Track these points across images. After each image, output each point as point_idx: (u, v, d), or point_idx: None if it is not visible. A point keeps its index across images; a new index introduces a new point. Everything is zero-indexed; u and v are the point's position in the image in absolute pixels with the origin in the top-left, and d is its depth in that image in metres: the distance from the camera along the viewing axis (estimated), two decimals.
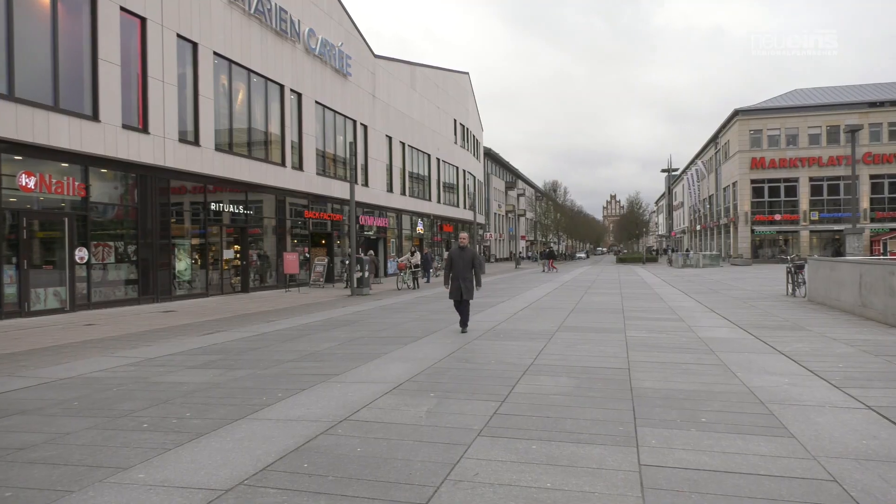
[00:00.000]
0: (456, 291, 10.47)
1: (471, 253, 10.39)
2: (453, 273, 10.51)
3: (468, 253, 10.38)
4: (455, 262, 10.44)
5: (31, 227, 14.36)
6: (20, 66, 13.74)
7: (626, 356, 8.04)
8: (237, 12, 21.08)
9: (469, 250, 10.39)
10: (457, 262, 10.42)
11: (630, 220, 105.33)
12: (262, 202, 23.20)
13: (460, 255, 10.41)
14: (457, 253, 10.45)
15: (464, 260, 10.36)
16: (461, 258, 10.39)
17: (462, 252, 10.41)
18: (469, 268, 10.38)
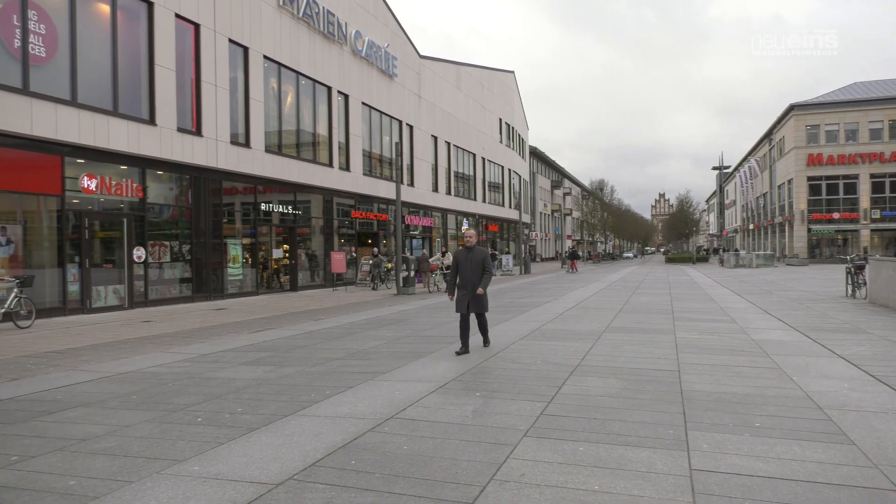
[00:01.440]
0: (463, 303, 8.33)
1: (480, 254, 8.39)
2: (459, 279, 8.47)
3: (477, 254, 8.40)
4: (462, 266, 8.43)
5: (93, 228, 14.96)
6: (82, 73, 14.32)
7: (675, 358, 7.87)
8: (286, 16, 21.49)
9: (478, 251, 8.41)
10: (464, 265, 8.39)
11: (679, 219, 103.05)
12: (310, 202, 23.61)
13: (467, 258, 8.41)
14: (463, 255, 8.46)
15: (472, 263, 8.37)
16: (469, 261, 8.39)
17: (469, 253, 8.42)
18: (479, 272, 8.37)
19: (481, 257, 8.38)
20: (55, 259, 14.09)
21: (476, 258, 8.37)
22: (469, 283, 8.30)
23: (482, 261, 8.38)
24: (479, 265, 8.35)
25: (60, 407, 5.80)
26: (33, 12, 13.26)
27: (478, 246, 8.45)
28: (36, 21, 13.32)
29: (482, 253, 8.40)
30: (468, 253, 8.41)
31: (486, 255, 8.41)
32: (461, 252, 8.49)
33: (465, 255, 8.41)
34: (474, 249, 8.42)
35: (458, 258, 8.47)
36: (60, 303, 14.08)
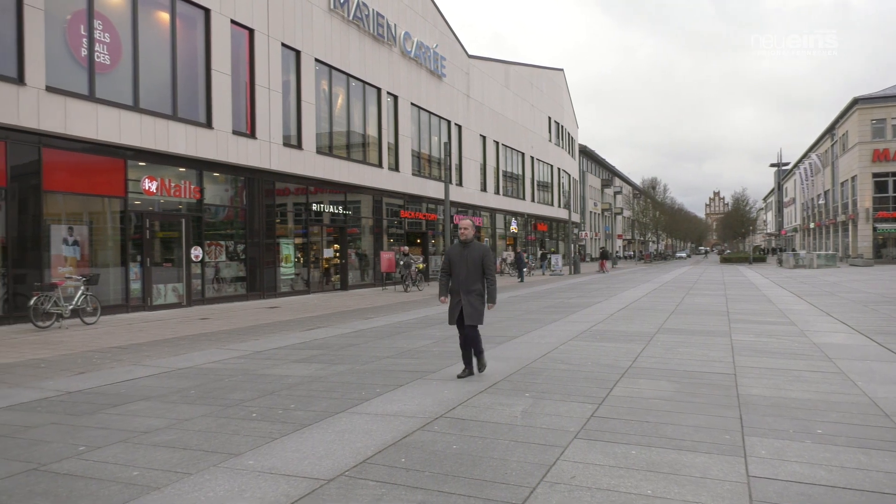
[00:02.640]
0: (455, 310, 6.71)
1: (479, 251, 6.71)
2: (452, 282, 6.80)
3: (475, 251, 6.69)
4: (455, 266, 6.74)
5: (153, 228, 15.53)
6: (144, 79, 14.87)
7: (731, 361, 7.65)
8: (337, 19, 21.82)
9: (476, 247, 6.74)
10: (458, 264, 6.71)
11: (735, 218, 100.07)
12: (360, 202, 23.91)
13: (462, 255, 6.69)
14: (457, 252, 6.75)
15: (468, 262, 6.65)
16: (463, 259, 6.67)
17: (465, 250, 6.71)
18: (476, 273, 6.65)
19: (479, 255, 6.66)
20: (118, 258, 14.68)
21: (473, 256, 6.65)
22: (463, 287, 6.63)
23: (480, 259, 6.64)
24: (476, 265, 6.63)
25: (124, 400, 6.04)
26: (99, 22, 13.84)
27: (476, 241, 6.85)
28: (101, 30, 13.90)
29: (481, 250, 6.71)
30: (463, 249, 6.70)
31: (485, 253, 6.70)
32: (454, 248, 6.79)
33: (460, 253, 6.70)
34: (471, 245, 6.72)
35: (451, 256, 6.75)
36: (123, 300, 14.66)
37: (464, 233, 6.76)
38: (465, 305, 6.63)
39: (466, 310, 6.62)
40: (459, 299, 6.66)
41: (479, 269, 6.66)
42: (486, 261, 6.67)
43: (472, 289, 6.64)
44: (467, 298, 6.63)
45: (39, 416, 5.49)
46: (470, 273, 6.65)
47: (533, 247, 43.38)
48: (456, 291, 6.71)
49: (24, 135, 12.38)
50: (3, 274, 12.28)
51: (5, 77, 11.95)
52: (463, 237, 6.75)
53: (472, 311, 6.63)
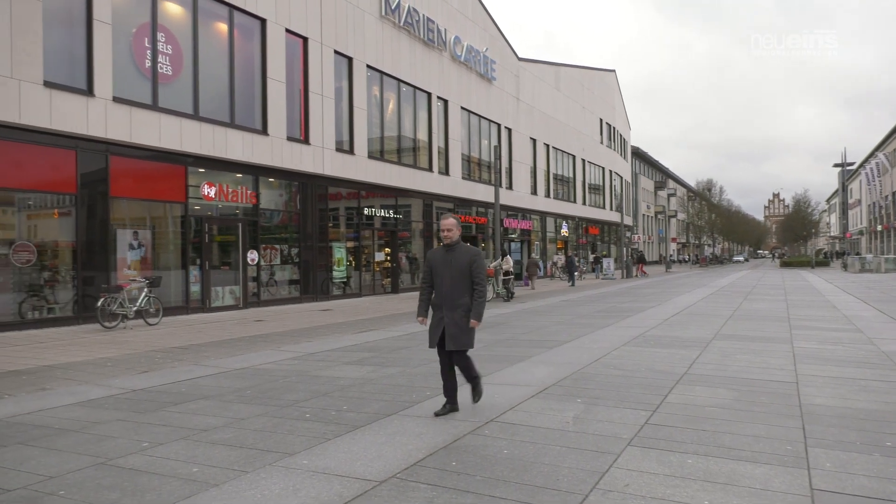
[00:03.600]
0: (437, 330, 5.41)
1: (466, 256, 5.44)
2: (435, 294, 5.51)
3: (461, 255, 5.44)
4: (437, 274, 5.48)
5: (212, 232, 16.02)
6: (203, 88, 15.39)
7: (793, 369, 7.38)
8: (388, 25, 22.09)
9: (463, 251, 5.47)
10: (440, 271, 5.46)
11: (796, 221, 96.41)
12: (411, 206, 24.10)
13: (446, 260, 5.46)
14: (439, 257, 5.52)
15: (452, 269, 5.41)
16: (447, 265, 5.44)
17: (449, 254, 5.47)
18: (463, 284, 5.38)
19: (467, 260, 5.40)
20: (179, 261, 15.21)
21: (459, 262, 5.39)
22: (446, 301, 5.37)
23: (468, 266, 5.38)
24: (462, 274, 5.37)
25: (184, 399, 6.25)
26: (162, 35, 14.40)
27: (464, 243, 5.55)
28: (164, 42, 14.45)
29: (469, 254, 5.44)
30: (447, 254, 5.46)
31: (474, 257, 5.42)
32: (437, 253, 5.56)
33: (443, 258, 5.46)
34: (457, 248, 5.46)
35: (432, 262, 5.53)
36: (183, 302, 15.17)
37: (446, 234, 5.50)
38: (449, 325, 5.29)
39: (450, 330, 5.29)
40: (442, 316, 5.37)
41: (467, 279, 5.37)
42: (476, 267, 5.38)
43: (459, 303, 5.32)
44: (452, 316, 5.30)
45: (106, 412, 5.74)
46: (455, 283, 5.36)
47: (584, 250, 42.82)
48: (438, 306, 5.42)
49: (93, 143, 12.97)
50: (74, 276, 12.89)
51: (76, 89, 12.55)
52: (446, 239, 5.49)
53: (457, 332, 5.28)
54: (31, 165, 12.17)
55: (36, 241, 12.32)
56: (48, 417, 5.55)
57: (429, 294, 5.58)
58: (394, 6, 22.11)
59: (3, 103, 11.24)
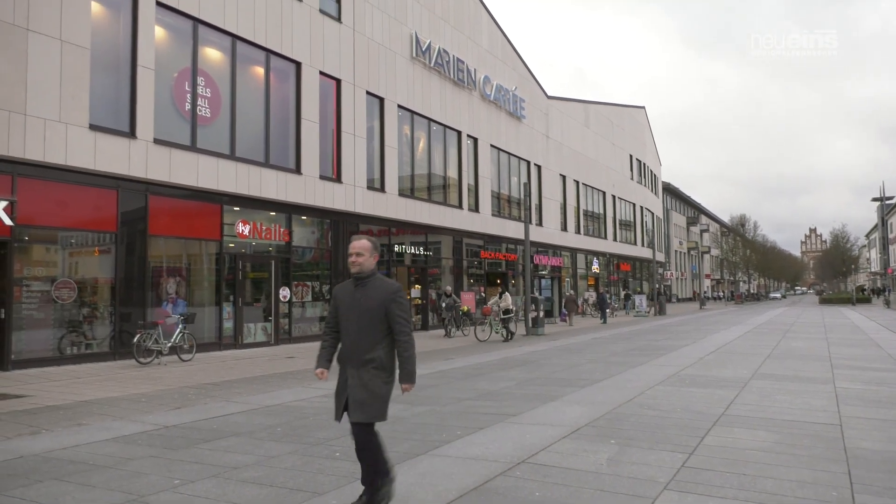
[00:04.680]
0: (341, 397, 4.04)
1: (381, 292, 3.97)
2: (341, 343, 4.09)
3: (374, 292, 3.98)
4: (343, 316, 4.05)
5: (245, 269, 16.29)
6: (240, 129, 15.84)
7: (836, 410, 7.12)
8: (419, 66, 22.56)
9: (377, 286, 4.00)
10: (346, 313, 4.03)
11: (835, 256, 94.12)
12: (441, 243, 24.20)
13: (354, 299, 4.01)
14: (346, 293, 4.07)
15: (361, 311, 3.97)
16: (355, 306, 3.99)
17: (358, 291, 4.01)
18: (375, 330, 3.96)
19: (381, 299, 3.92)
20: (213, 298, 15.45)
21: (370, 301, 3.92)
22: (352, 353, 3.94)
23: (382, 306, 3.91)
24: (374, 317, 3.91)
25: (216, 436, 6.29)
26: (201, 78, 14.93)
27: (381, 275, 4.07)
28: (203, 86, 14.97)
29: (385, 290, 3.96)
30: (356, 290, 3.98)
31: (392, 295, 3.94)
32: (344, 288, 4.09)
33: (350, 296, 4.00)
34: (371, 283, 3.97)
35: (337, 300, 4.08)
36: (216, 338, 15.35)
37: (355, 261, 3.93)
38: (353, 387, 3.89)
39: (354, 394, 3.87)
40: (346, 377, 3.95)
41: (381, 324, 3.90)
42: (393, 309, 3.88)
43: (367, 357, 3.88)
44: (358, 374, 3.88)
45: (139, 448, 5.79)
46: (364, 330, 3.90)
47: (616, 287, 42.33)
48: (343, 361, 3.99)
49: (134, 183, 13.39)
50: (111, 313, 13.17)
51: (120, 132, 13.03)
52: (355, 267, 3.93)
53: (363, 398, 3.86)
54: (75, 205, 12.59)
55: (76, 278, 12.66)
56: (84, 453, 5.63)
57: (332, 342, 4.11)
58: (424, 48, 22.61)
59: (51, 146, 11.71)
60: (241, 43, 15.92)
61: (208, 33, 15.18)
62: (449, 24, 24.49)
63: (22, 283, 11.74)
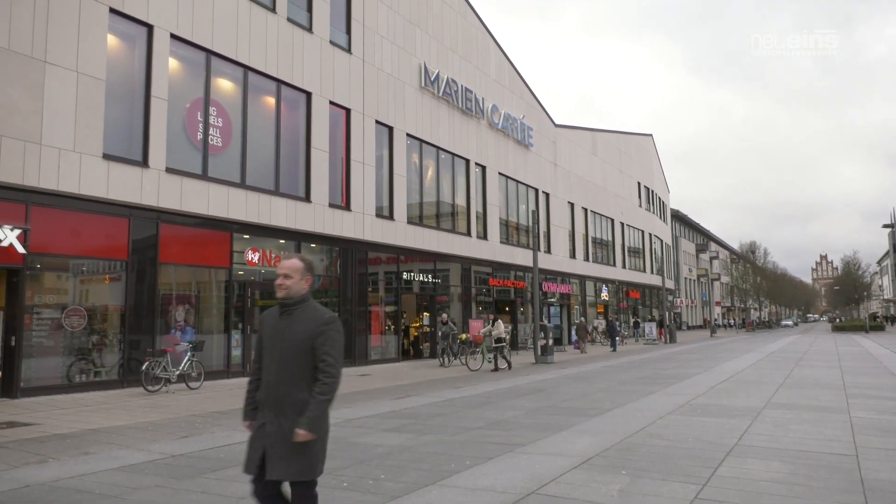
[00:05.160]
0: (255, 448, 3.32)
1: (311, 323, 3.32)
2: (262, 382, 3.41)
3: (302, 323, 3.34)
4: (266, 350, 3.41)
5: (254, 297, 16.32)
6: (251, 158, 16.03)
7: (851, 440, 7.00)
8: (427, 96, 22.83)
9: (308, 315, 3.36)
10: (268, 347, 3.39)
11: (847, 283, 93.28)
12: (449, 271, 24.20)
13: (278, 330, 3.37)
14: (271, 322, 3.44)
15: (284, 345, 3.32)
16: (279, 338, 3.35)
17: (284, 320, 3.39)
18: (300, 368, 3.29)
19: (310, 332, 3.31)
20: (222, 326, 15.46)
21: (296, 334, 3.33)
22: (271, 395, 3.32)
23: (310, 340, 3.30)
24: (300, 352, 3.30)
25: (223, 465, 6.24)
26: (213, 108, 15.16)
27: (314, 303, 3.48)
28: (215, 116, 15.20)
29: (315, 321, 3.34)
30: (281, 320, 3.40)
31: (324, 326, 3.32)
32: (269, 317, 3.49)
33: (274, 326, 3.42)
34: (299, 311, 3.39)
35: (262, 328, 3.52)
36: (225, 366, 15.33)
37: (281, 283, 3.37)
38: (272, 438, 3.22)
39: (273, 447, 3.21)
40: (264, 423, 3.29)
41: (308, 360, 3.27)
42: (321, 343, 3.27)
43: (290, 401, 3.24)
44: (279, 422, 3.23)
45: (146, 477, 5.76)
46: (286, 366, 3.28)
47: (625, 314, 42.07)
48: (262, 405, 3.35)
49: (145, 212, 13.53)
50: (121, 340, 13.20)
51: (132, 161, 13.21)
52: (281, 292, 3.37)
53: (285, 452, 3.20)
54: (87, 233, 12.72)
55: (87, 306, 12.72)
56: (90, 482, 5.60)
57: (256, 384, 3.46)
58: (433, 78, 22.91)
59: (65, 175, 11.88)
60: (252, 73, 16.20)
61: (221, 64, 15.46)
62: (457, 54, 24.84)
63: (33, 310, 11.81)
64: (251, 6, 16.09)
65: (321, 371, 3.26)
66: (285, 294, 3.38)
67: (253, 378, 3.51)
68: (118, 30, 13.26)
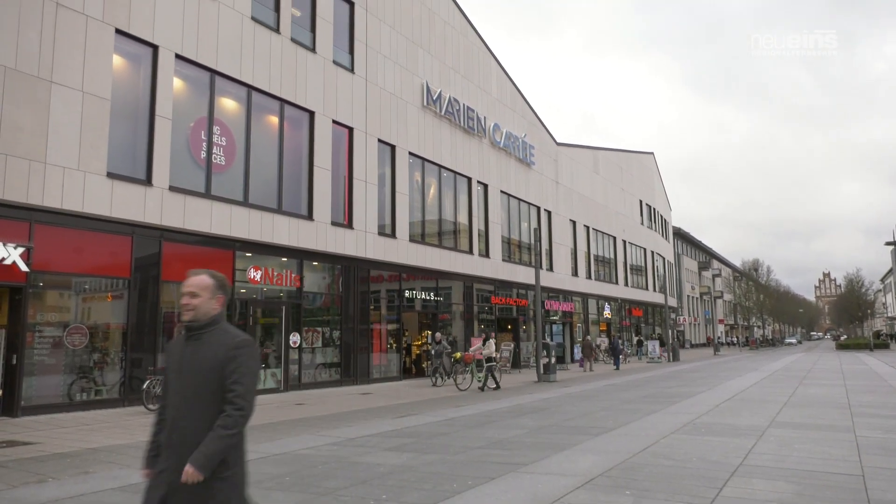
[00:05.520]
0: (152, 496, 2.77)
1: (220, 349, 2.81)
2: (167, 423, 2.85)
3: (210, 349, 2.83)
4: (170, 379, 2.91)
5: (256, 315, 16.30)
6: (254, 177, 16.10)
7: (857, 460, 6.93)
8: (429, 115, 22.98)
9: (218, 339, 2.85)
10: (173, 378, 2.88)
11: (850, 301, 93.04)
12: (451, 288, 24.18)
13: (183, 358, 2.87)
14: (176, 349, 2.94)
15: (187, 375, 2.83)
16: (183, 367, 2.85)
17: (190, 347, 2.88)
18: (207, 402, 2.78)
19: (219, 359, 2.81)
20: None
21: (202, 359, 2.84)
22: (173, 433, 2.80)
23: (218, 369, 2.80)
24: (205, 383, 2.80)
25: None
26: (217, 127, 15.27)
27: (227, 325, 2.97)
28: (219, 134, 15.30)
29: (226, 346, 2.84)
30: (187, 345, 2.91)
31: (235, 353, 2.81)
32: (175, 344, 3.00)
33: (179, 354, 2.92)
34: (207, 335, 2.90)
35: (169, 359, 2.99)
36: None
37: (188, 303, 2.89)
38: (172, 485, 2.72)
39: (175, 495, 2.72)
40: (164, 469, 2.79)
41: (216, 393, 2.78)
42: (232, 369, 2.79)
43: (195, 440, 2.73)
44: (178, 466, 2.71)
45: None
46: (190, 401, 2.80)
47: (628, 332, 41.92)
48: (164, 447, 2.83)
49: (148, 230, 13.57)
50: (122, 359, 13.17)
51: (136, 179, 13.28)
52: (188, 314, 2.90)
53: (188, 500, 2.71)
54: (90, 251, 12.75)
55: (88, 324, 12.71)
56: (88, 502, 5.56)
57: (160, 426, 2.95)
58: (435, 97, 23.07)
59: (69, 193, 11.94)
60: (256, 93, 16.33)
61: (225, 84, 15.60)
62: (459, 73, 25.05)
63: (35, 328, 11.81)
64: (255, 27, 16.28)
65: (228, 402, 2.76)
66: (192, 316, 2.90)
67: (158, 419, 2.97)
68: (124, 50, 13.41)
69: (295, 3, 17.80)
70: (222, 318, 2.98)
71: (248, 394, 2.79)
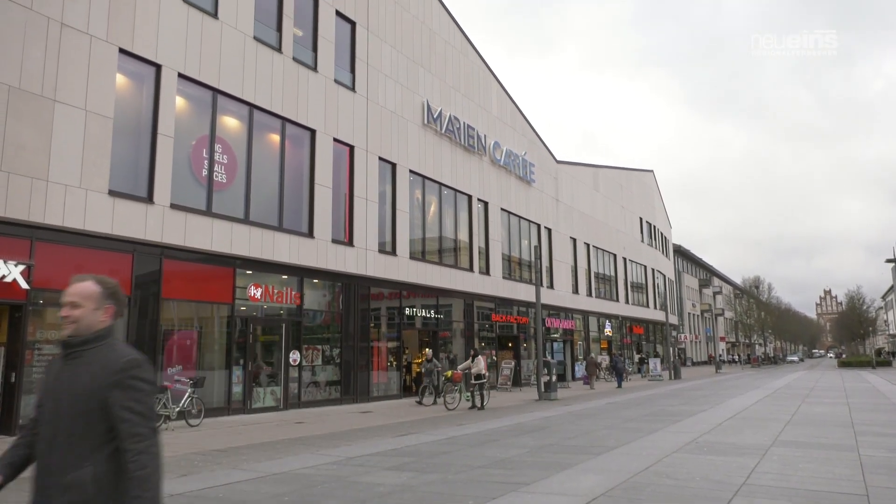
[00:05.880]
0: None
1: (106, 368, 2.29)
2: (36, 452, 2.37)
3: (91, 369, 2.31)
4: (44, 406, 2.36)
5: (256, 333, 16.26)
6: (255, 194, 16.15)
7: (861, 480, 6.88)
8: (430, 133, 23.11)
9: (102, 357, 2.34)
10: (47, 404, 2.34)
11: (851, 319, 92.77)
12: (452, 306, 24.13)
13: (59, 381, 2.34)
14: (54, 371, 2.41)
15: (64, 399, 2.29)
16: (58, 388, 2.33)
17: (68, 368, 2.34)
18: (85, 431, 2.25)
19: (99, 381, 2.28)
20: (223, 362, 15.37)
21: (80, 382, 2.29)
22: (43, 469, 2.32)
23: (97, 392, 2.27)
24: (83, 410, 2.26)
25: None
26: (219, 145, 15.35)
27: (114, 341, 2.46)
28: (220, 152, 15.37)
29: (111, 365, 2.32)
30: (64, 364, 2.38)
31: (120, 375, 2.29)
32: (53, 364, 2.46)
33: (56, 376, 2.39)
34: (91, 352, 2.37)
35: (45, 381, 2.44)
36: (225, 403, 15.18)
37: (68, 314, 2.40)
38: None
39: None
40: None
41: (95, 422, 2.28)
42: (119, 397, 2.28)
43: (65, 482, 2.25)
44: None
45: None
46: (64, 432, 2.29)
47: (629, 350, 41.77)
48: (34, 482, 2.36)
49: (149, 247, 13.58)
50: None
51: (137, 197, 13.32)
52: (68, 328, 2.41)
53: None
54: (90, 268, 12.63)
55: None
56: None
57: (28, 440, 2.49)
58: (436, 115, 23.21)
59: (70, 211, 11.98)
60: (258, 111, 16.44)
61: (227, 102, 15.70)
62: (460, 92, 25.23)
63: (34, 346, 11.77)
64: (257, 46, 16.43)
65: (126, 436, 2.23)
66: (72, 330, 2.38)
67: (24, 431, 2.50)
68: (127, 69, 13.52)
69: (297, 22, 17.98)
70: (110, 332, 2.47)
71: (146, 420, 2.28)
